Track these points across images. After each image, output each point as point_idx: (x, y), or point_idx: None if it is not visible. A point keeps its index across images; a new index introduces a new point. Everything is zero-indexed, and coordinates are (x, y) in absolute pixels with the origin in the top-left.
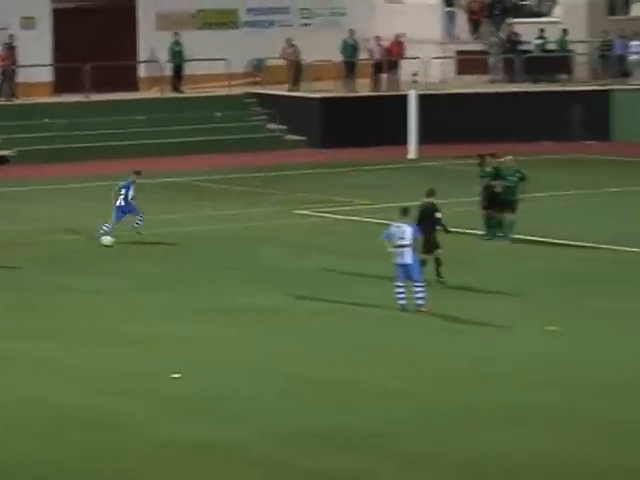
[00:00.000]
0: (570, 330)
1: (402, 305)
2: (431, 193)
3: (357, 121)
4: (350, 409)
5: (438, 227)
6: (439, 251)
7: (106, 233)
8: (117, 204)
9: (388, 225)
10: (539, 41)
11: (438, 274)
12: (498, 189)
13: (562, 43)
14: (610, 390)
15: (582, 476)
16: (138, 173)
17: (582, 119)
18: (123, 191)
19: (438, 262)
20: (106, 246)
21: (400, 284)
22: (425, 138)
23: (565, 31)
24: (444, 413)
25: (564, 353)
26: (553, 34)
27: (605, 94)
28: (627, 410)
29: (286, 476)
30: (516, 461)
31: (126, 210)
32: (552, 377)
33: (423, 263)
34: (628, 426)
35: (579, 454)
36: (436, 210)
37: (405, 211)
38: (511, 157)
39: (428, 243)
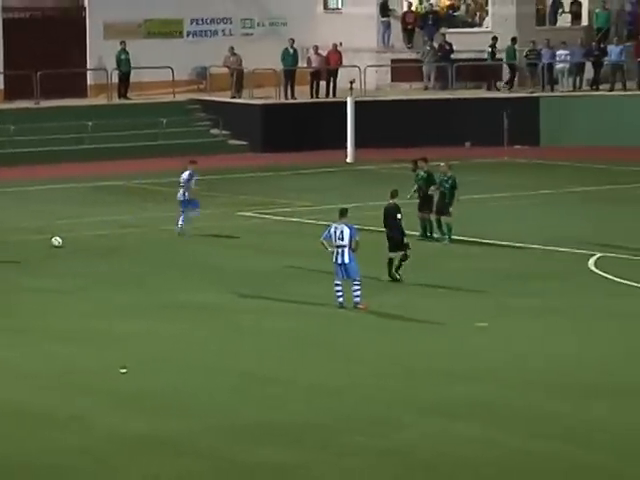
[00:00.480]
0: (500, 326)
1: (340, 303)
2: (394, 194)
3: (297, 126)
4: (292, 404)
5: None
6: (409, 251)
7: (182, 229)
8: (178, 197)
9: (327, 226)
10: (489, 49)
11: (396, 271)
12: (431, 193)
13: (510, 52)
14: (538, 383)
15: (510, 466)
16: (194, 162)
17: (513, 125)
18: (183, 182)
19: (401, 260)
20: (56, 247)
21: (339, 282)
22: (362, 143)
23: (514, 40)
24: (381, 406)
25: (494, 348)
26: (484, 44)
27: (534, 101)
28: (556, 403)
29: (231, 469)
30: (449, 452)
31: (186, 204)
32: (483, 371)
33: (390, 261)
34: (557, 418)
35: (505, 444)
36: (398, 211)
37: (343, 212)
38: (444, 164)
39: (393, 242)
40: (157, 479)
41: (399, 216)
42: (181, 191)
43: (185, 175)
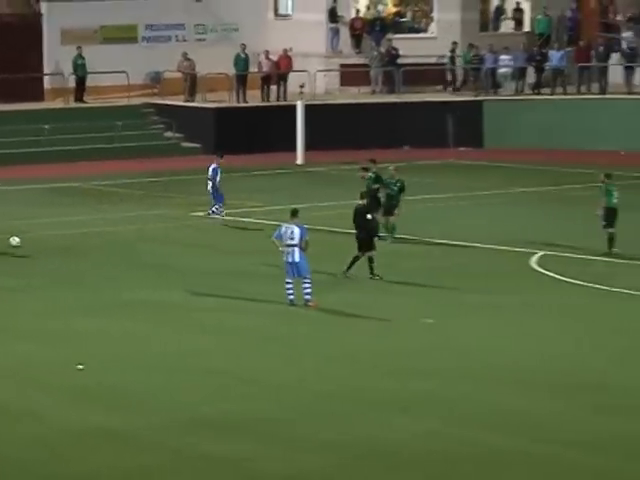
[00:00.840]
0: (445, 322)
1: (291, 300)
2: (364, 195)
3: (248, 129)
4: (244, 398)
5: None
6: (373, 252)
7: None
8: (208, 189)
9: (278, 226)
10: (449, 54)
11: (371, 273)
12: (380, 194)
13: (466, 56)
14: (484, 378)
15: (459, 457)
16: (221, 157)
17: (457, 127)
18: (210, 176)
19: (371, 260)
20: (14, 247)
21: (289, 280)
22: (312, 145)
23: (472, 46)
24: (330, 400)
25: (438, 343)
26: (430, 49)
27: (478, 104)
28: (500, 395)
29: (187, 462)
30: (397, 443)
31: (214, 196)
32: (429, 365)
33: (355, 259)
34: (503, 410)
35: (456, 437)
36: (368, 212)
37: (294, 213)
38: (393, 167)
39: (362, 242)
40: (112, 471)
41: (369, 216)
42: (209, 184)
43: (210, 171)
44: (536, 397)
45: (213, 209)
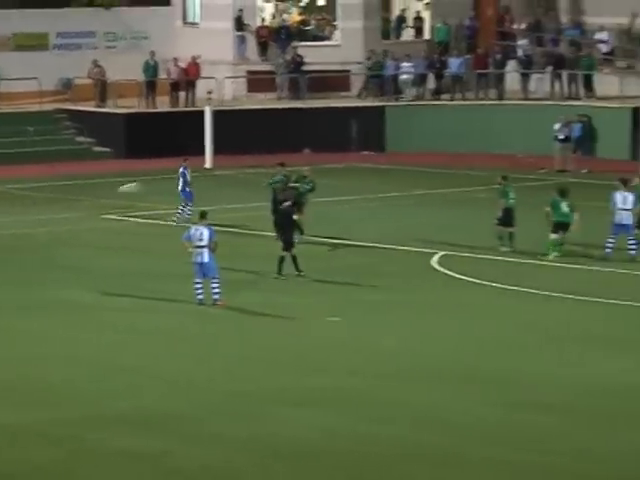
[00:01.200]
0: (349, 320)
1: (200, 300)
2: (289, 197)
3: (158, 134)
4: (155, 395)
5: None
6: (294, 250)
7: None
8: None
9: (188, 228)
10: (369, 62)
11: (297, 270)
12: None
13: (377, 64)
14: (386, 373)
15: (357, 450)
16: (185, 160)
17: (360, 132)
18: (180, 178)
19: (294, 259)
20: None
21: (198, 281)
22: (220, 149)
23: (386, 52)
24: (239, 396)
25: (343, 341)
26: (334, 56)
27: (380, 110)
28: (405, 392)
29: (90, 456)
30: (299, 439)
31: (184, 195)
32: (333, 362)
33: (281, 260)
34: (400, 404)
35: (353, 430)
36: (294, 213)
37: (203, 215)
38: (308, 168)
39: (285, 242)
40: (23, 465)
41: (295, 217)
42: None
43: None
44: (434, 391)
45: (179, 210)
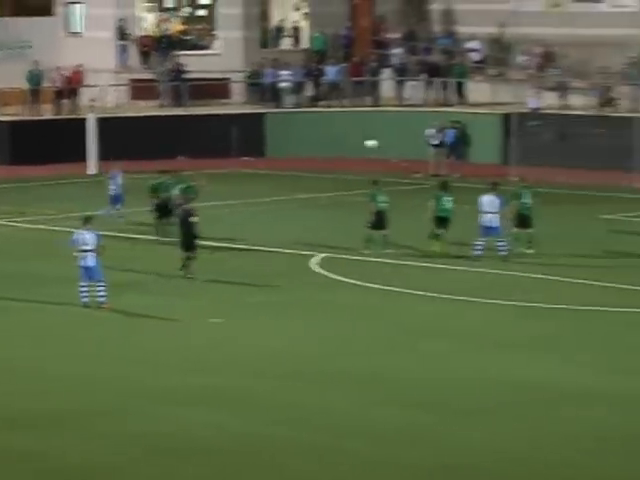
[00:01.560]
0: (231, 321)
1: (85, 302)
2: (189, 199)
3: (42, 141)
4: (41, 395)
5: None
6: (194, 253)
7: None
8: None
9: (73, 232)
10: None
11: (181, 269)
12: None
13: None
14: (268, 373)
15: (246, 450)
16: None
17: (240, 138)
18: (111, 182)
19: (187, 259)
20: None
21: (83, 284)
22: (105, 156)
23: (252, 62)
24: (127, 396)
25: (224, 341)
26: (214, 65)
27: (260, 116)
28: (288, 392)
29: None
30: (185, 437)
31: (112, 199)
32: (214, 362)
33: (186, 259)
34: (282, 404)
35: (241, 430)
36: (192, 215)
37: (87, 220)
38: (191, 173)
39: (187, 244)
40: None
41: (193, 219)
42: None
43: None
44: (314, 390)
45: (104, 210)
